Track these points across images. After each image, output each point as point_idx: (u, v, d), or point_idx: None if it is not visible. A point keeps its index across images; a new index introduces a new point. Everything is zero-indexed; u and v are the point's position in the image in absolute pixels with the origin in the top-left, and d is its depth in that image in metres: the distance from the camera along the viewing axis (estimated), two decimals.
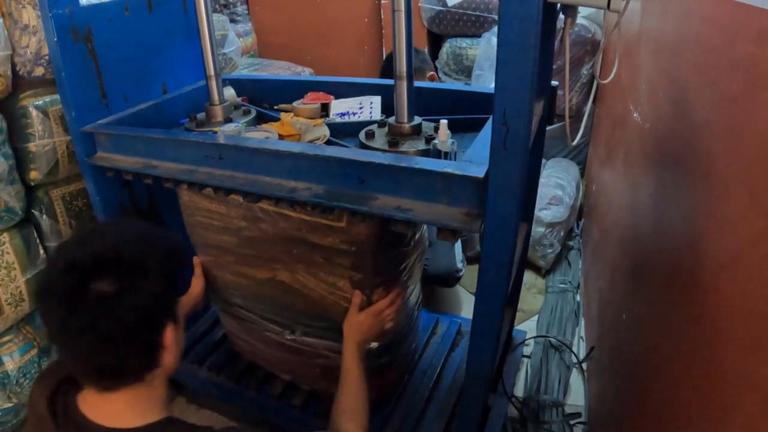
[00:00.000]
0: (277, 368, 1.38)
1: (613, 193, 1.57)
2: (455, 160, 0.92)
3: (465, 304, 1.92)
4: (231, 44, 2.14)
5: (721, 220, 0.67)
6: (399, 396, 1.31)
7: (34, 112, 1.32)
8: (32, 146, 1.33)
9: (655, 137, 1.12)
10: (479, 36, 2.60)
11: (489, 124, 0.83)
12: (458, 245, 1.80)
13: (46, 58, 1.31)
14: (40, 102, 1.33)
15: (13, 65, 1.30)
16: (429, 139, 1.00)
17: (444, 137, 0.93)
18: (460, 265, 1.72)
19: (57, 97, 1.34)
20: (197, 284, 1.28)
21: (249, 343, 1.39)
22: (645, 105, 1.24)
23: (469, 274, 1.98)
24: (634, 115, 1.35)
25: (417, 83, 1.06)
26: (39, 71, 1.34)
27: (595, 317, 1.57)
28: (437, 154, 0.92)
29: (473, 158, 0.82)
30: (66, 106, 1.23)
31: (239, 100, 1.40)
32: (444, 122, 0.92)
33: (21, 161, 1.34)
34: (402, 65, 0.97)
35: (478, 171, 0.76)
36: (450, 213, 0.81)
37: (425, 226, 1.24)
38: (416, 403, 1.28)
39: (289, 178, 0.95)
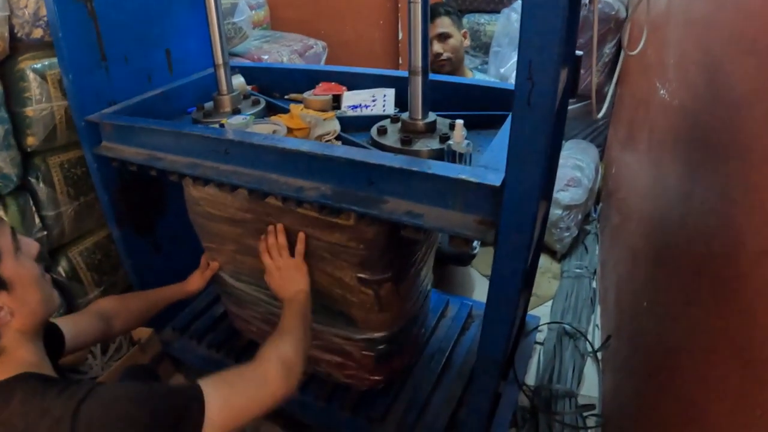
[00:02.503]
0: None
1: (636, 176, 1.50)
2: (470, 161, 0.87)
3: (477, 286, 1.86)
4: (241, 13, 2.06)
5: (763, 202, 0.59)
6: (404, 380, 1.25)
7: (31, 75, 1.27)
8: (29, 111, 1.28)
9: (685, 114, 1.04)
10: (498, 12, 2.51)
11: (508, 122, 0.78)
12: None
13: (45, 19, 1.25)
14: (38, 65, 1.28)
15: (11, 27, 1.24)
16: (443, 138, 0.95)
17: (459, 138, 0.88)
18: (474, 242, 1.64)
19: (56, 60, 1.27)
20: (198, 281, 1.25)
21: (250, 323, 1.34)
22: (673, 81, 1.18)
23: (482, 256, 1.92)
24: (661, 92, 1.28)
25: (432, 76, 1.00)
26: (37, 33, 1.28)
27: (612, 305, 1.49)
28: (452, 155, 0.88)
29: (489, 163, 0.77)
30: (63, 68, 1.17)
31: (249, 88, 1.36)
32: (460, 123, 0.87)
33: (18, 127, 1.29)
34: (417, 59, 0.91)
35: (495, 179, 0.72)
36: (463, 220, 0.77)
37: None
38: (423, 388, 1.23)
39: (297, 176, 0.91)
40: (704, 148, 0.87)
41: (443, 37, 1.70)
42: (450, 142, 0.89)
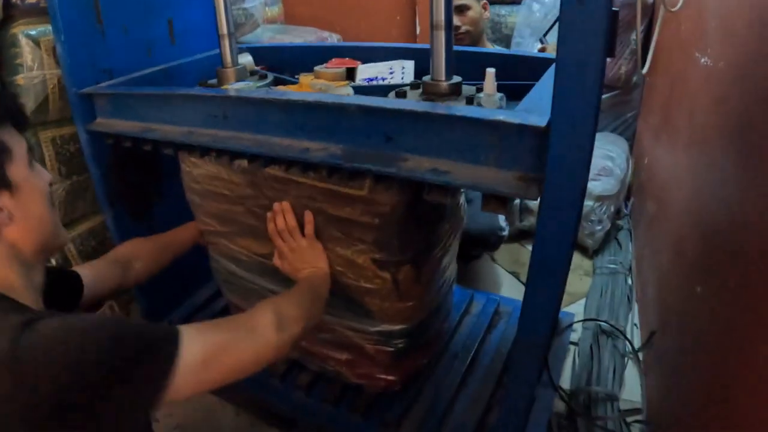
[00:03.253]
0: None
1: (675, 158, 1.38)
2: None
3: (503, 283, 1.72)
4: None
5: None
6: (424, 382, 1.11)
7: (24, 41, 1.17)
8: (20, 79, 1.18)
9: (734, 74, 0.93)
10: (519, 3, 2.40)
11: (551, 70, 0.66)
12: None
13: None
14: (33, 31, 1.18)
15: None
16: (470, 100, 0.83)
17: (491, 89, 0.75)
18: (503, 223, 1.50)
19: (51, 27, 1.18)
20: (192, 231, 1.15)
21: None
22: (716, 45, 1.10)
23: (507, 251, 1.78)
24: (702, 60, 1.19)
25: (456, 47, 0.88)
26: None
27: (653, 300, 1.35)
28: None
29: (530, 108, 0.66)
30: (56, 32, 1.07)
31: (258, 69, 1.25)
32: (491, 71, 0.76)
33: None
34: (440, 13, 0.80)
35: (539, 120, 0.59)
36: (499, 177, 0.64)
37: (464, 196, 1.05)
38: (445, 389, 1.08)
39: (302, 137, 0.80)
40: (761, 102, 0.74)
41: (461, 9, 1.58)
42: (480, 95, 0.77)
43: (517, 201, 1.95)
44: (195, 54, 1.34)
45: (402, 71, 1.11)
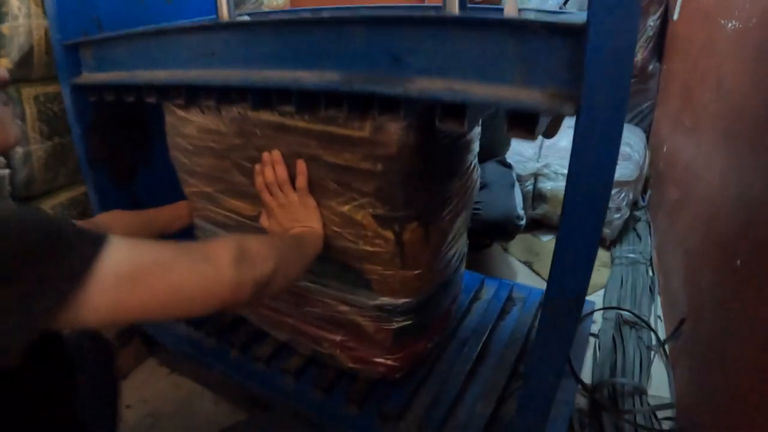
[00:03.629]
0: (270, 324, 1.06)
1: (699, 137, 1.32)
2: None
3: (517, 273, 1.60)
4: None
5: None
6: (429, 369, 0.98)
7: None
8: (5, 28, 1.06)
9: None
10: None
11: None
12: (518, 189, 1.44)
13: None
14: None
15: None
16: None
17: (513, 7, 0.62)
18: (520, 211, 1.37)
19: None
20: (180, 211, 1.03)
21: None
22: (746, 4, 1.06)
23: (519, 242, 1.65)
24: (729, 25, 1.15)
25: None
26: None
27: (680, 288, 1.23)
28: None
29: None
30: None
31: None
32: None
33: None
34: None
35: (574, 18, 0.48)
36: (526, 94, 0.51)
37: (476, 158, 0.92)
38: (453, 379, 0.95)
39: (295, 66, 0.67)
40: None
41: None
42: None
43: (530, 187, 1.83)
44: (192, 18, 1.22)
45: None
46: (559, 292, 0.60)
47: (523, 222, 1.38)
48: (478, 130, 0.90)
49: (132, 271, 0.44)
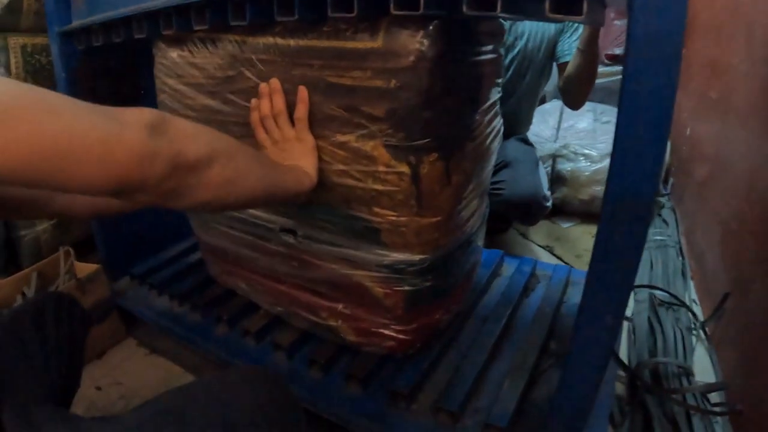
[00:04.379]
0: (261, 295, 0.93)
1: (728, 105, 1.23)
2: None
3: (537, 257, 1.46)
4: None
5: None
6: (446, 345, 0.84)
7: None
8: None
9: None
10: None
11: None
12: (542, 169, 1.32)
13: None
14: None
15: None
16: None
17: None
18: (547, 192, 1.24)
19: None
20: None
21: (230, 259, 0.95)
22: None
23: (537, 229, 1.52)
24: None
25: None
26: None
27: (718, 266, 1.13)
28: None
29: None
30: None
31: None
32: None
33: None
34: None
35: None
36: None
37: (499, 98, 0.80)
38: (475, 355, 0.81)
39: None
40: None
41: None
42: None
43: (548, 169, 1.71)
44: None
45: None
46: (607, 258, 0.48)
47: (550, 203, 1.25)
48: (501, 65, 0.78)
49: (8, 101, 0.32)
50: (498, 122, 0.81)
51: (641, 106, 0.42)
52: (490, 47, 0.70)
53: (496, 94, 0.77)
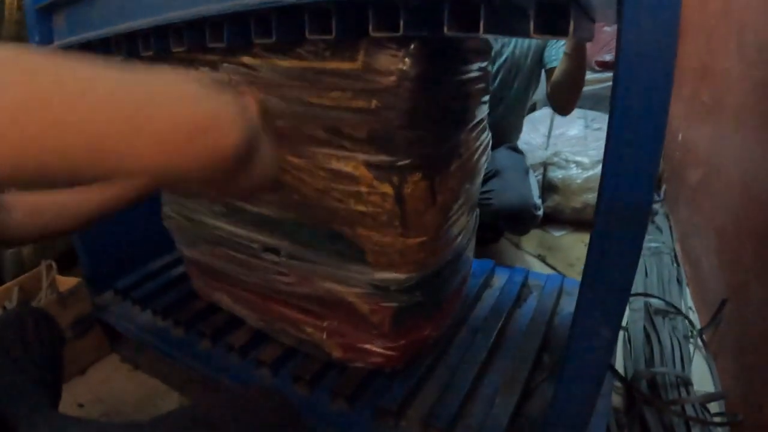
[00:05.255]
0: (246, 310, 0.90)
1: (722, 107, 1.22)
2: None
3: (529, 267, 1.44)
4: None
5: None
6: (435, 359, 0.82)
7: None
8: None
9: None
10: None
11: None
12: (533, 176, 1.30)
13: None
14: None
15: None
16: None
17: None
18: (537, 200, 1.22)
19: None
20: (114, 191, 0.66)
21: (213, 274, 0.92)
22: None
23: (529, 237, 1.51)
24: None
25: None
26: None
27: (714, 272, 1.11)
28: None
29: None
30: None
31: None
32: None
33: None
34: None
35: None
36: None
37: (486, 115, 0.78)
38: (465, 370, 0.79)
39: None
40: None
41: None
42: None
43: (539, 178, 1.69)
44: None
45: None
46: (602, 268, 0.46)
47: (541, 212, 1.23)
48: (488, 83, 0.77)
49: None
50: (486, 137, 0.79)
51: (634, 108, 0.40)
52: (476, 65, 0.68)
53: (483, 111, 0.76)
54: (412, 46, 0.54)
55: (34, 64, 0.26)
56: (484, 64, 0.71)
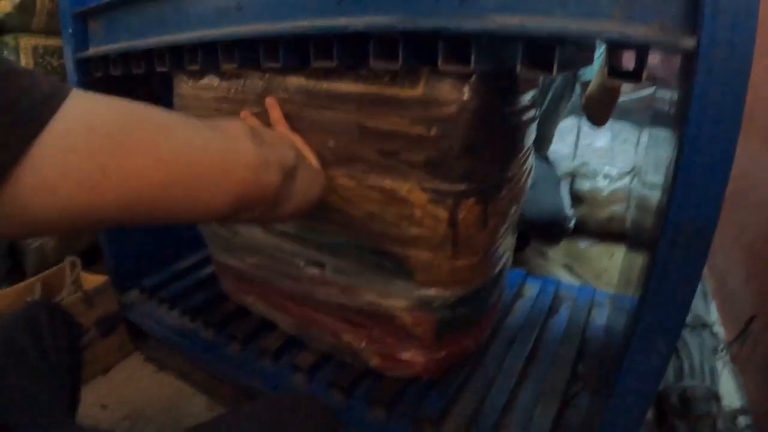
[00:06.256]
0: (280, 315, 0.90)
1: (750, 122, 1.15)
2: None
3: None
4: None
5: None
6: (472, 368, 0.81)
7: None
8: None
9: None
10: None
11: None
12: (565, 188, 1.30)
13: None
14: None
15: None
16: None
17: None
18: (569, 212, 1.21)
19: None
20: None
21: (247, 279, 0.92)
22: None
23: (560, 247, 1.50)
24: None
25: None
26: None
27: (741, 288, 1.11)
28: None
29: None
30: None
31: None
32: None
33: None
34: None
35: None
36: (630, 32, 0.41)
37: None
38: (503, 379, 0.79)
39: (339, 13, 0.53)
40: None
41: None
42: None
43: (567, 187, 1.69)
44: None
45: None
46: (664, 285, 0.46)
47: (572, 224, 1.23)
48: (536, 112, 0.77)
49: (116, 126, 0.27)
50: (531, 161, 0.79)
51: (707, 127, 0.41)
52: (529, 95, 0.68)
53: (532, 137, 0.76)
54: (473, 78, 0.54)
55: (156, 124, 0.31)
56: (534, 93, 0.71)
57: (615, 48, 0.46)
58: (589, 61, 0.58)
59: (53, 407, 0.55)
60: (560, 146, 1.70)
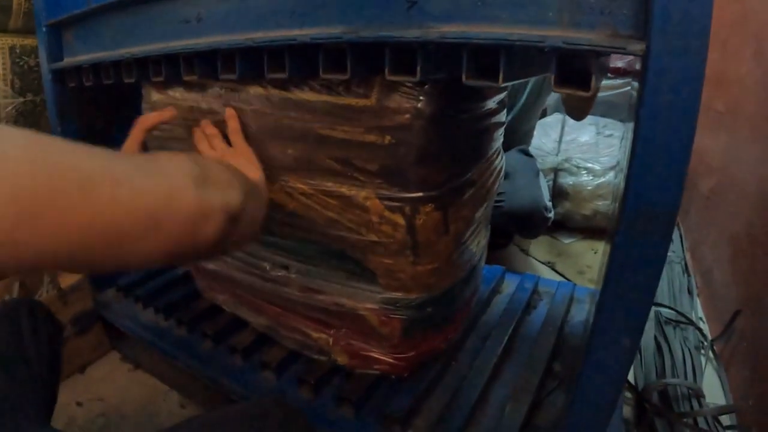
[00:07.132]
0: (251, 312, 0.88)
1: (737, 114, 1.22)
2: None
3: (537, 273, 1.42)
4: None
5: None
6: (443, 366, 0.80)
7: None
8: None
9: None
10: None
11: None
12: (543, 179, 1.28)
13: None
14: None
15: None
16: None
17: None
18: (548, 202, 1.20)
19: None
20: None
21: (218, 278, 0.90)
22: None
23: (538, 244, 1.49)
24: None
25: None
26: None
27: (727, 281, 1.09)
28: None
29: None
30: None
31: None
32: None
33: None
34: None
35: None
36: (578, 36, 0.39)
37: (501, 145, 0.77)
38: (474, 377, 0.77)
39: (292, 25, 0.53)
40: None
41: None
42: None
43: (550, 183, 1.67)
44: None
45: None
46: (625, 275, 0.44)
47: (552, 214, 1.21)
48: (504, 115, 0.75)
49: (27, 179, 0.25)
50: (500, 161, 0.78)
51: (663, 104, 0.39)
52: (493, 99, 0.67)
53: (500, 140, 0.74)
54: (427, 86, 0.53)
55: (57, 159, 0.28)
56: (501, 97, 0.70)
57: (562, 55, 0.44)
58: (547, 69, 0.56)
59: (31, 412, 0.54)
60: (544, 141, 1.68)
